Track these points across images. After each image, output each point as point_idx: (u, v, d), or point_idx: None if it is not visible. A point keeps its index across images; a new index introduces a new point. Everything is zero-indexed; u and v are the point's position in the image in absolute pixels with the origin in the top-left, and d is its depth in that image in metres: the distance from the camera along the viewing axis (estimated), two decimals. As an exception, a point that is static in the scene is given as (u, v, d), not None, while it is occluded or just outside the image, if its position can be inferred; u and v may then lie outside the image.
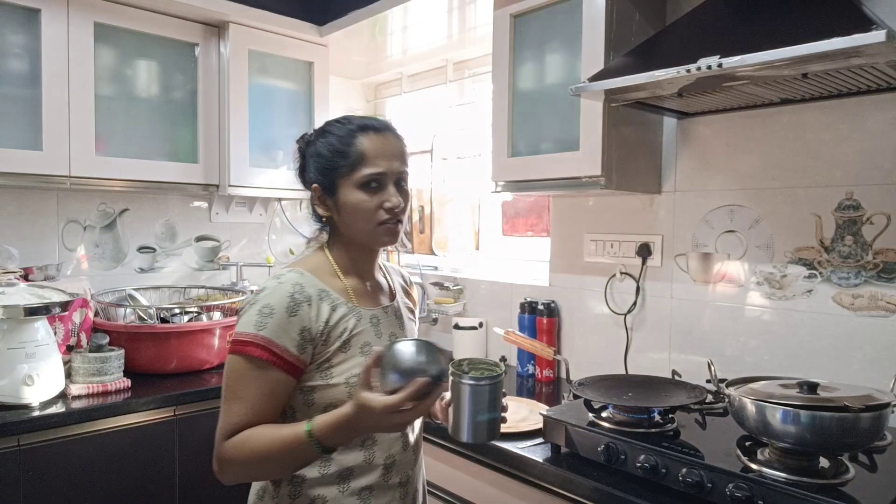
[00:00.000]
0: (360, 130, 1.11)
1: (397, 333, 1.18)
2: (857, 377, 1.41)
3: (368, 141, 1.10)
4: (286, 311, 1.02)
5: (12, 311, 1.59)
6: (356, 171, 1.08)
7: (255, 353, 1.00)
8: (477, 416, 1.00)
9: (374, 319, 1.13)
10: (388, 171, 1.09)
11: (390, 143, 1.12)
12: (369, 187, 1.08)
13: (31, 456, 1.57)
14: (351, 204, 1.09)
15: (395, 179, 1.11)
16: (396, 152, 1.12)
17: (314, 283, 1.08)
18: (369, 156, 1.09)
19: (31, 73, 1.89)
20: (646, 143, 1.72)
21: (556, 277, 2.08)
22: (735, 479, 1.06)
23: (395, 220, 1.11)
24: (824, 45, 1.03)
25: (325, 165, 1.11)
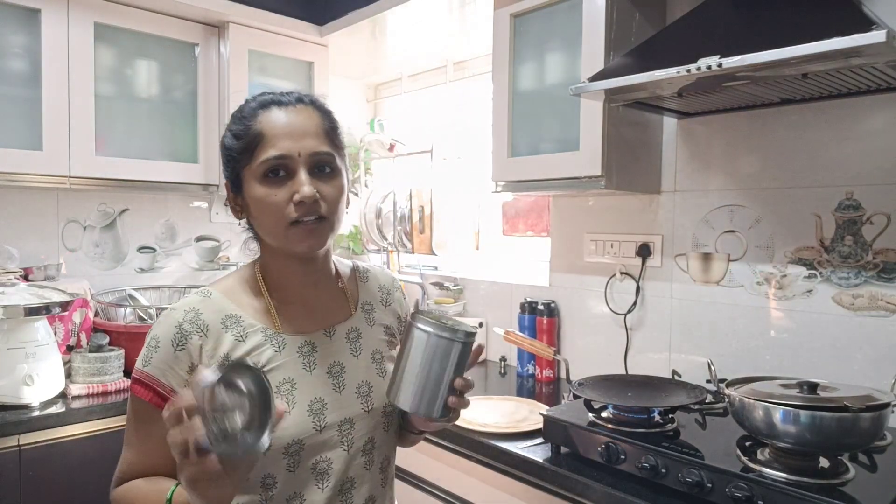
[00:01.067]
0: (262, 108, 0.89)
1: (346, 364, 0.94)
2: (857, 377, 1.41)
3: (269, 118, 0.88)
4: (171, 345, 0.85)
5: (12, 311, 1.59)
6: (255, 158, 0.86)
7: (138, 392, 0.86)
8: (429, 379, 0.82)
9: (304, 348, 0.91)
10: (291, 152, 0.85)
11: (299, 118, 0.88)
12: (272, 177, 0.86)
13: (31, 456, 1.57)
14: (255, 200, 0.87)
15: (311, 164, 0.87)
16: (309, 128, 0.88)
17: (220, 307, 0.89)
18: (268, 136, 0.86)
19: (31, 73, 1.89)
20: (646, 143, 1.72)
21: (556, 277, 2.08)
22: (735, 479, 1.06)
23: (315, 217, 0.86)
24: (824, 45, 1.03)
25: (227, 156, 0.91)
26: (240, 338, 0.88)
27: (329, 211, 0.88)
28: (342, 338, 0.96)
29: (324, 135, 0.90)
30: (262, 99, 0.91)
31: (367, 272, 1.08)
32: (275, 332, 0.91)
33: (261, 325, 0.90)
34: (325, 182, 0.88)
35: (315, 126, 0.89)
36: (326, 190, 0.88)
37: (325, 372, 0.92)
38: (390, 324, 1.05)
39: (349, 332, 0.97)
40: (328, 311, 0.97)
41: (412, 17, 2.18)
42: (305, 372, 0.90)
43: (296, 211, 0.85)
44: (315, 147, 0.88)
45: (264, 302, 0.93)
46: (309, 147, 0.87)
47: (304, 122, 0.89)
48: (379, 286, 1.07)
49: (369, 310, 1.02)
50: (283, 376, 0.89)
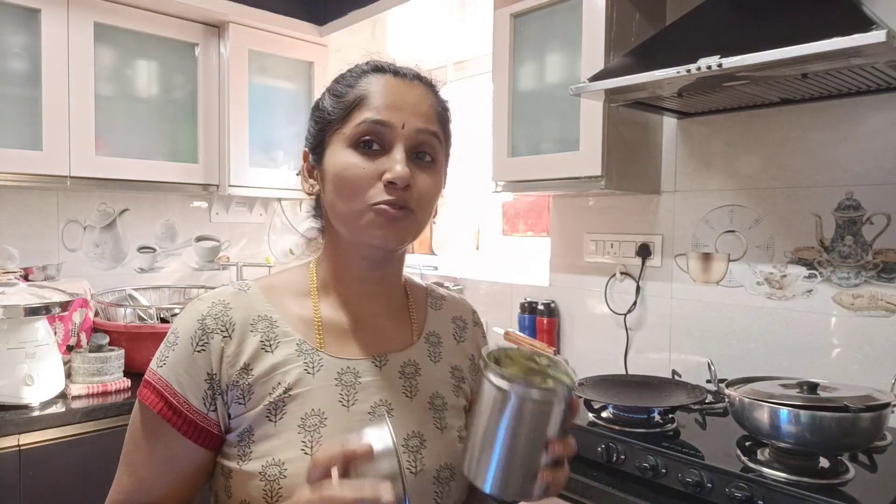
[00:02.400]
0: (375, 71, 0.76)
1: (396, 405, 0.74)
2: (857, 377, 1.41)
3: (379, 82, 0.74)
4: (190, 344, 0.70)
5: (12, 311, 1.59)
6: (350, 119, 0.72)
7: (146, 399, 0.71)
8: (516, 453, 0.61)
9: (346, 376, 0.73)
10: (394, 121, 0.71)
11: (413, 92, 0.75)
12: (363, 147, 0.71)
13: (31, 456, 1.57)
14: (336, 169, 0.72)
15: (413, 143, 0.72)
16: (421, 105, 0.74)
17: (253, 305, 0.74)
18: (371, 98, 0.72)
19: (31, 73, 1.89)
20: (646, 143, 1.72)
21: (556, 277, 2.08)
22: (735, 479, 1.06)
23: (398, 206, 0.70)
24: (824, 45, 1.03)
25: (318, 117, 0.77)
26: (267, 346, 0.72)
27: (418, 205, 0.72)
28: (395, 371, 0.77)
29: (435, 116, 0.76)
30: (376, 62, 0.78)
31: (443, 299, 0.90)
32: (312, 348, 0.73)
33: (297, 336, 0.73)
34: (422, 171, 0.73)
35: (428, 105, 0.75)
36: (422, 180, 0.72)
37: (365, 411, 0.72)
38: (460, 364, 0.85)
39: (405, 364, 0.78)
40: (385, 334, 0.79)
41: (412, 17, 2.18)
42: (341, 407, 0.71)
43: (384, 192, 0.70)
44: (424, 124, 0.73)
45: (310, 308, 0.76)
46: (417, 122, 0.72)
47: (417, 97, 0.75)
48: (454, 316, 0.88)
49: (436, 342, 0.83)
50: (312, 407, 0.70)
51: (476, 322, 0.92)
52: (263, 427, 0.69)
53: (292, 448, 0.68)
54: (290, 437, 0.69)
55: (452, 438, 0.78)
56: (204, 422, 0.70)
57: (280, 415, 0.69)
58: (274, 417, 0.69)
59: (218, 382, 0.70)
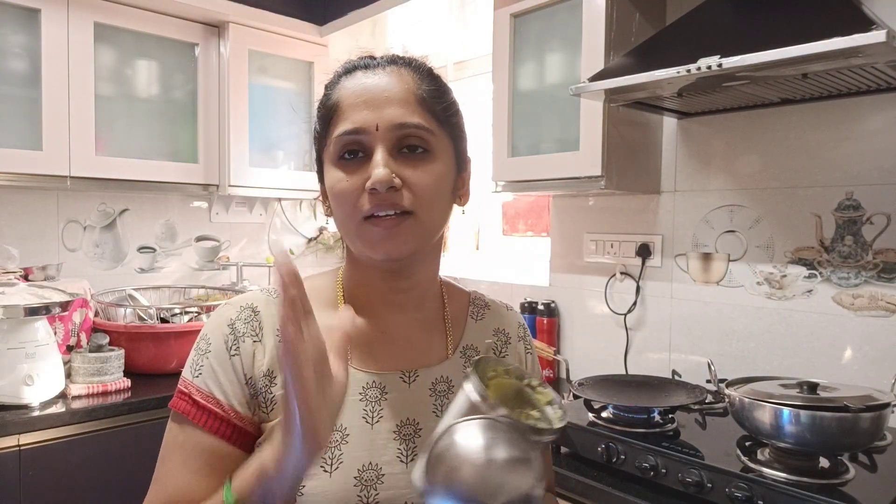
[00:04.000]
0: (346, 73, 0.72)
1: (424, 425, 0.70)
2: (857, 377, 1.41)
3: (348, 85, 0.70)
4: (225, 349, 0.68)
5: (12, 311, 1.59)
6: (329, 135, 0.69)
7: (187, 412, 0.67)
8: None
9: (370, 391, 0.69)
10: (367, 125, 0.66)
11: (383, 81, 0.69)
12: (347, 159, 0.67)
13: (31, 456, 1.57)
14: (329, 189, 0.70)
15: (395, 140, 0.67)
16: (394, 93, 0.68)
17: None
18: (343, 106, 0.68)
19: (31, 73, 1.89)
20: (646, 143, 1.72)
21: (556, 277, 2.08)
22: (735, 479, 1.06)
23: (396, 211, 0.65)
24: (824, 45, 1.03)
25: (314, 140, 0.75)
26: None
27: (416, 204, 0.66)
28: (425, 388, 0.71)
29: (415, 102, 0.68)
30: (349, 63, 0.73)
31: (486, 308, 0.83)
32: None
33: None
34: (412, 165, 0.67)
35: (402, 91, 0.68)
36: (416, 176, 0.66)
37: (391, 430, 0.68)
38: None
39: (437, 381, 0.72)
40: (415, 347, 0.73)
41: (412, 17, 2.18)
42: (364, 423, 0.67)
43: (369, 201, 0.65)
44: (399, 117, 0.66)
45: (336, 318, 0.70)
46: (390, 117, 0.66)
47: (388, 86, 0.68)
48: (496, 329, 0.81)
49: (473, 357, 0.76)
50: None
51: (521, 337, 0.84)
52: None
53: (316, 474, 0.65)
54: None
55: None
56: (251, 427, 0.67)
57: None
58: None
59: (253, 385, 0.67)
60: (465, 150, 0.77)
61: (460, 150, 0.75)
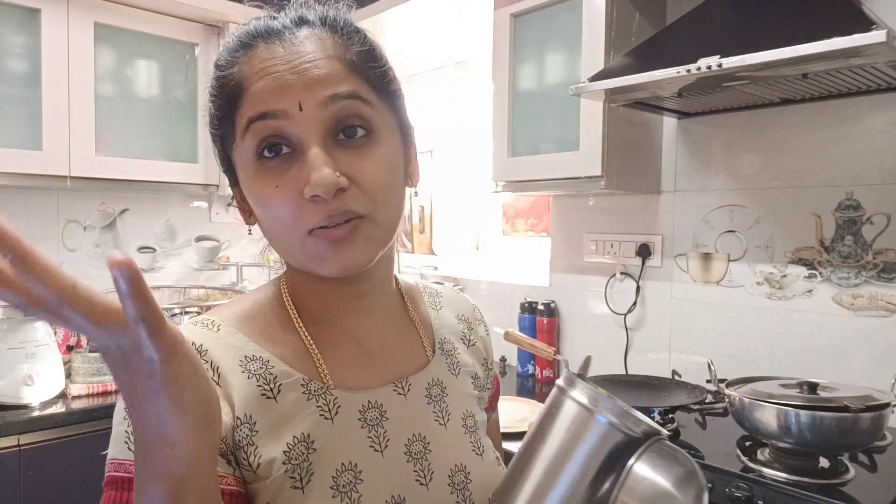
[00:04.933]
0: (242, 45, 0.55)
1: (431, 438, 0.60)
2: (857, 377, 1.41)
3: (250, 56, 0.54)
4: None
5: (12, 311, 1.59)
6: (235, 126, 0.54)
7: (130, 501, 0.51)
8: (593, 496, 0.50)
9: (370, 413, 0.58)
10: (287, 107, 0.51)
11: (300, 48, 0.53)
12: (268, 157, 0.52)
13: (31, 456, 1.57)
14: (252, 197, 0.56)
15: (328, 123, 0.52)
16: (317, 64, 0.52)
17: (231, 344, 0.56)
18: (246, 84, 0.53)
19: (31, 73, 1.89)
20: (646, 143, 1.72)
21: (556, 277, 2.08)
22: (735, 479, 1.06)
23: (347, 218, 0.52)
24: (824, 45, 1.03)
25: (212, 135, 0.59)
26: (267, 392, 0.55)
27: (370, 204, 0.53)
28: (421, 396, 0.62)
29: (346, 67, 0.53)
30: (243, 30, 0.56)
31: (439, 295, 0.74)
32: (321, 387, 0.57)
33: (299, 375, 0.56)
34: (355, 154, 0.53)
35: (327, 58, 0.52)
36: (360, 169, 0.52)
37: (402, 452, 0.58)
38: (478, 371, 0.71)
39: (430, 385, 0.63)
40: (396, 354, 0.64)
41: (412, 17, 2.18)
42: (375, 452, 0.57)
43: (313, 211, 0.51)
44: (330, 89, 0.51)
45: (299, 339, 0.59)
46: (319, 92, 0.51)
47: (307, 53, 0.52)
48: (458, 316, 0.73)
49: (451, 351, 0.68)
50: (342, 461, 0.55)
51: (479, 319, 0.77)
52: (289, 498, 0.52)
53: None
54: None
55: (492, 462, 0.65)
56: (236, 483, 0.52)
57: (308, 478, 0.53)
58: (300, 483, 0.53)
59: (224, 440, 0.52)
60: (408, 120, 0.61)
61: (402, 119, 0.60)
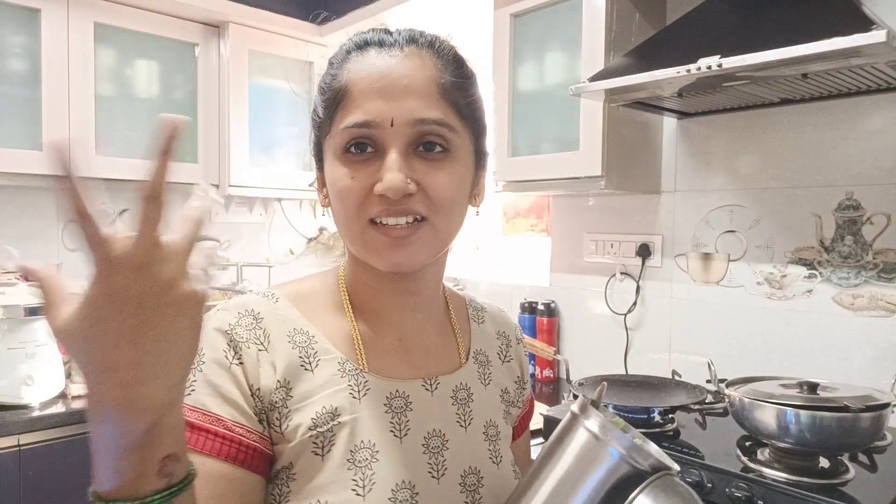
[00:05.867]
0: (357, 47, 0.62)
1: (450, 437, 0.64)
2: (857, 377, 1.41)
3: (360, 66, 0.60)
4: (225, 357, 0.58)
5: (12, 311, 1.59)
6: (336, 122, 0.60)
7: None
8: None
9: (395, 401, 0.62)
10: (381, 118, 0.57)
11: (402, 66, 0.59)
12: (354, 153, 0.59)
13: (31, 456, 1.57)
14: (330, 183, 0.62)
15: (412, 138, 0.59)
16: (414, 82, 0.59)
17: (287, 316, 0.63)
18: (353, 92, 0.59)
19: (31, 73, 1.89)
20: (646, 143, 1.72)
21: (556, 277, 2.08)
22: (735, 479, 1.06)
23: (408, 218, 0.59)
24: (824, 45, 1.03)
25: (313, 124, 0.66)
26: (307, 363, 0.60)
27: (432, 209, 0.59)
28: (447, 396, 0.66)
29: (437, 94, 0.60)
30: (359, 37, 0.62)
31: (483, 310, 0.79)
32: (356, 368, 0.62)
33: (338, 354, 0.62)
34: (429, 166, 0.59)
35: (424, 79, 0.59)
36: (430, 179, 0.59)
37: (419, 443, 0.62)
38: (509, 387, 0.75)
39: (457, 389, 0.67)
40: (432, 353, 0.68)
41: (412, 17, 2.18)
42: (394, 437, 0.61)
43: (378, 204, 0.58)
44: (418, 111, 0.58)
45: (347, 323, 0.65)
46: (408, 111, 0.58)
47: (407, 73, 0.59)
48: (497, 332, 0.78)
49: (484, 362, 0.73)
50: (362, 438, 0.59)
51: (519, 339, 0.81)
52: (308, 462, 0.57)
53: (343, 489, 0.56)
54: (340, 474, 0.57)
55: (508, 473, 0.68)
56: (263, 444, 0.58)
57: (329, 447, 0.58)
58: (321, 450, 0.57)
59: (261, 398, 0.58)
60: (485, 146, 0.69)
61: (480, 146, 0.67)
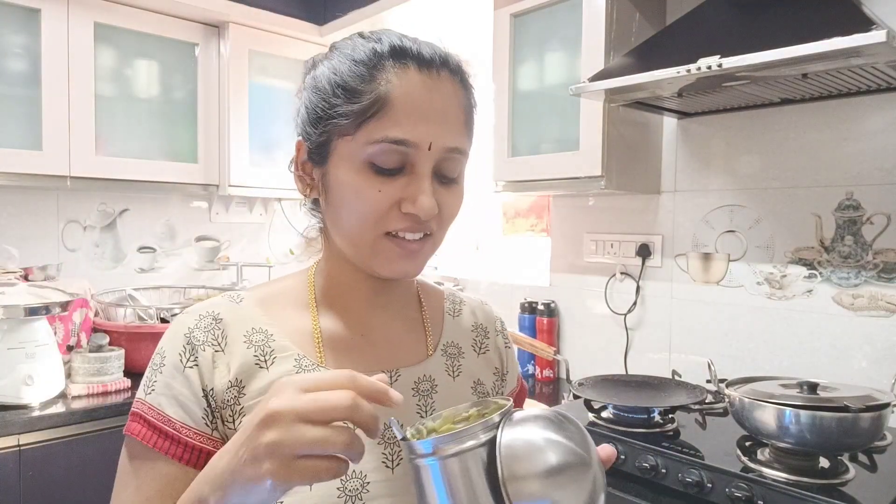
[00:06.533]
0: (394, 56, 0.61)
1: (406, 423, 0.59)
2: (857, 377, 1.41)
3: (404, 81, 0.60)
4: (180, 361, 0.63)
5: (12, 311, 1.59)
6: (368, 130, 0.60)
7: (139, 435, 0.62)
8: None
9: None
10: (422, 141, 0.60)
11: (442, 93, 0.62)
12: (376, 167, 0.60)
13: (31, 456, 1.56)
14: (345, 187, 0.62)
15: (440, 163, 0.62)
16: (450, 111, 0.62)
17: (248, 316, 0.66)
18: (397, 107, 0.59)
19: (31, 73, 1.89)
20: (646, 143, 1.72)
21: (556, 277, 2.08)
22: (735, 479, 1.06)
23: (421, 235, 0.64)
24: (824, 45, 1.03)
25: (319, 106, 0.64)
26: (261, 361, 0.64)
27: (440, 227, 0.66)
28: (408, 387, 0.68)
29: (464, 123, 0.64)
30: (394, 43, 0.62)
31: (461, 304, 0.81)
32: (313, 364, 0.65)
33: (295, 351, 0.65)
34: (447, 191, 0.64)
35: (456, 107, 0.63)
36: (448, 202, 0.65)
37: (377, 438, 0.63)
38: (483, 378, 0.76)
39: (419, 381, 0.69)
40: (396, 346, 0.71)
41: (412, 17, 2.18)
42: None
43: (400, 222, 0.62)
44: (452, 141, 0.62)
45: (310, 320, 0.68)
46: (445, 140, 0.61)
47: (446, 100, 0.62)
48: (474, 324, 0.80)
49: (454, 354, 0.75)
50: None
51: (499, 331, 0.82)
52: None
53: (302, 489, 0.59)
54: None
55: None
56: (209, 443, 0.61)
57: None
58: None
59: (214, 398, 0.62)
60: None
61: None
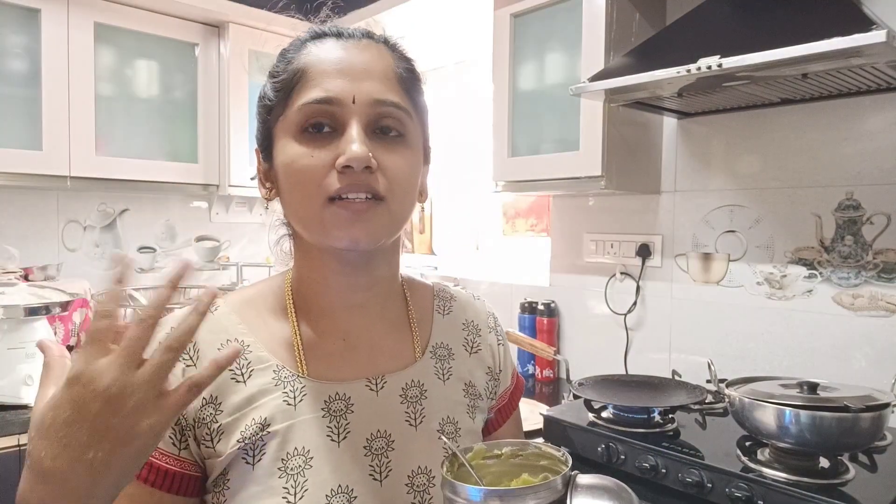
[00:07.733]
0: (313, 38, 0.65)
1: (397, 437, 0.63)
2: (857, 377, 1.41)
3: (319, 51, 0.63)
4: None
5: (12, 311, 1.59)
6: (292, 103, 0.61)
7: None
8: None
9: (335, 404, 0.62)
10: (343, 95, 0.59)
11: (363, 55, 0.62)
12: (312, 132, 0.60)
13: (31, 456, 1.57)
14: (285, 167, 0.61)
15: (371, 118, 0.60)
16: (374, 68, 0.62)
17: (222, 326, 0.63)
18: (312, 72, 0.61)
19: (31, 73, 1.89)
20: (646, 143, 1.72)
21: (556, 277, 2.08)
22: (735, 479, 1.06)
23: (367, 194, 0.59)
24: (824, 45, 1.03)
25: (261, 106, 0.66)
26: (238, 375, 0.61)
27: (389, 190, 0.60)
28: (395, 395, 0.65)
29: (395, 80, 0.63)
30: (315, 29, 0.66)
31: (452, 300, 0.76)
32: (293, 374, 0.62)
33: (275, 361, 0.62)
34: (389, 149, 0.60)
35: (382, 66, 0.62)
36: (390, 160, 0.60)
37: (360, 446, 0.62)
38: (474, 380, 0.72)
39: (407, 387, 0.66)
40: (381, 351, 0.67)
41: (412, 16, 2.18)
42: (330, 442, 0.60)
43: (339, 180, 0.58)
44: (378, 92, 0.60)
45: (289, 328, 0.64)
46: (368, 91, 0.60)
47: (368, 61, 0.62)
48: (465, 321, 0.75)
49: (444, 356, 0.70)
50: (295, 445, 0.59)
51: (492, 327, 0.78)
52: (239, 472, 0.58)
53: (272, 497, 0.57)
54: (271, 482, 0.58)
55: None
56: (177, 465, 0.59)
57: (258, 456, 0.58)
58: (251, 459, 0.58)
59: (185, 417, 0.59)
60: (429, 140, 0.71)
61: (426, 139, 0.69)
